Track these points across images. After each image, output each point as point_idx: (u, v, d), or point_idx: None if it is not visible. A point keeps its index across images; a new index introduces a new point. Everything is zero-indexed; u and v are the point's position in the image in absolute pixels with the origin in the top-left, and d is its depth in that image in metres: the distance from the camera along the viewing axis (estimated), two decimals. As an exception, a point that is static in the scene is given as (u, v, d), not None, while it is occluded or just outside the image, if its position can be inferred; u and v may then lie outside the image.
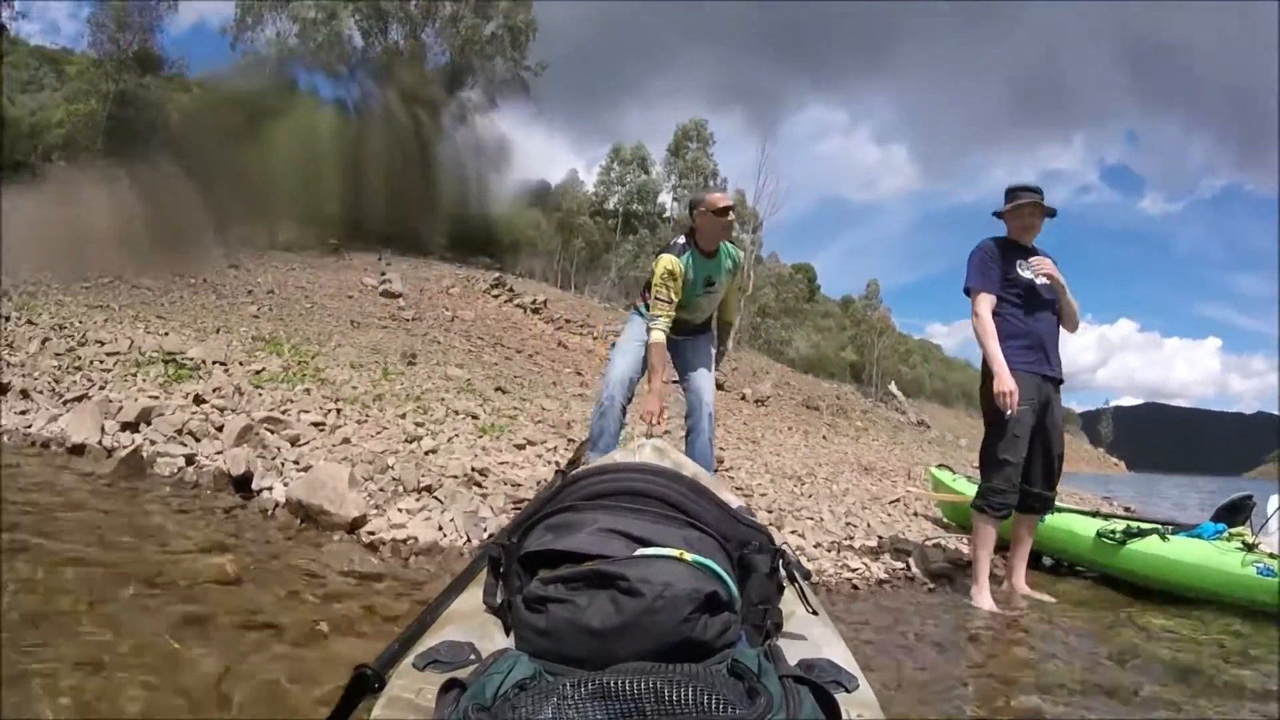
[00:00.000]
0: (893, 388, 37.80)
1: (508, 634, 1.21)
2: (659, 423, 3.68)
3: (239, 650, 1.94)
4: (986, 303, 3.64)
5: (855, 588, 3.60)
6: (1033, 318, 3.64)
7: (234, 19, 27.65)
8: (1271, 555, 3.75)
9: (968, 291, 3.72)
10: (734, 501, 1.61)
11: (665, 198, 38.41)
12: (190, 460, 4.03)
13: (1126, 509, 7.92)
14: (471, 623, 1.22)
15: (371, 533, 3.26)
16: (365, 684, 0.95)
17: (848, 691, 1.05)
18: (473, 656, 1.07)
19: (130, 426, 4.48)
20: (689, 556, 1.13)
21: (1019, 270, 3.65)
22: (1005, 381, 3.46)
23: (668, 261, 3.77)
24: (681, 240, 3.88)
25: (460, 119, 29.16)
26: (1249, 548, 3.84)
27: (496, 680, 0.85)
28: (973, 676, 2.52)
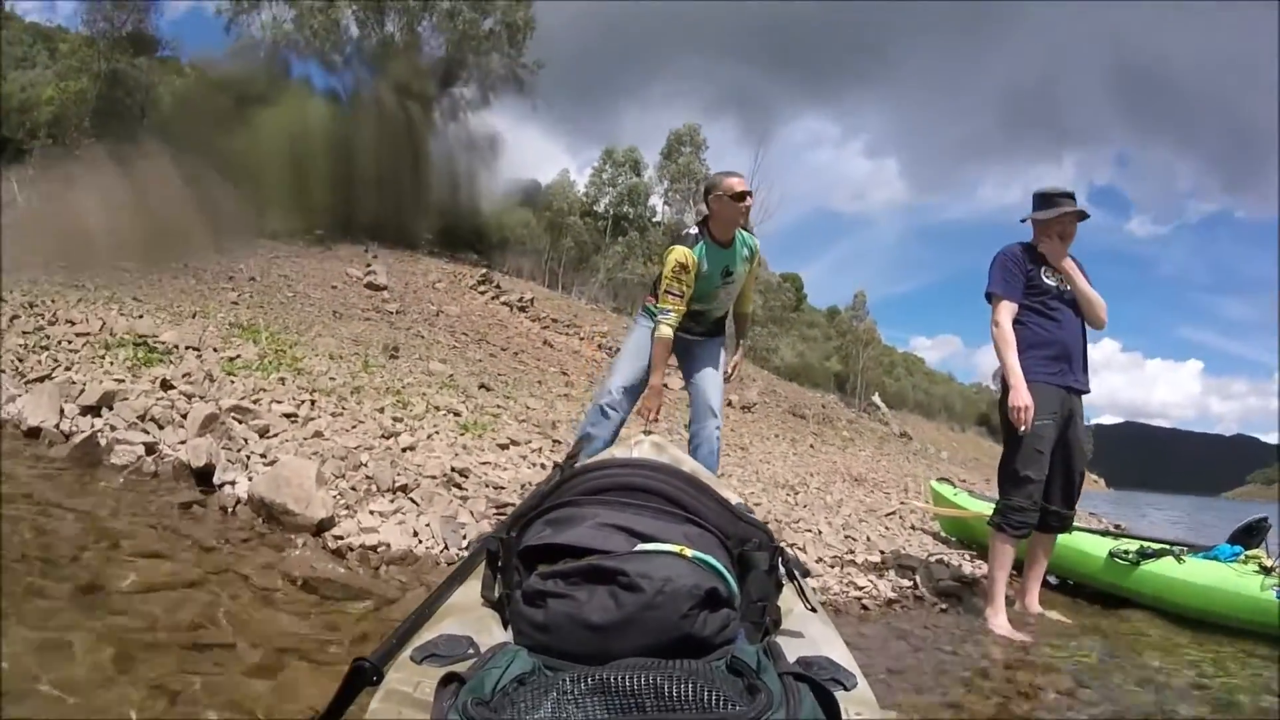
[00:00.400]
0: (876, 399, 37.86)
1: (506, 628, 1.19)
2: (656, 419, 3.52)
3: (182, 671, 1.72)
4: (1007, 311, 3.44)
5: (865, 607, 3.42)
6: (1058, 326, 3.44)
7: (230, 1, 27.28)
8: (1291, 579, 3.62)
9: (989, 298, 3.52)
10: (733, 498, 1.57)
11: (656, 201, 38.28)
12: (151, 449, 3.74)
13: (1116, 526, 7.81)
14: (470, 616, 1.19)
15: (339, 537, 2.99)
16: (363, 677, 0.90)
17: (846, 689, 1.04)
18: (471, 650, 1.04)
19: (91, 410, 4.21)
20: (689, 552, 1.13)
21: (1044, 277, 3.47)
22: (1020, 396, 3.27)
23: (679, 254, 3.51)
24: (694, 231, 3.62)
25: (452, 116, 28.91)
26: (1266, 570, 3.72)
27: (495, 674, 0.84)
28: (1003, 711, 2.35)
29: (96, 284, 9.39)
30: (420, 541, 3.07)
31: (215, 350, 6.36)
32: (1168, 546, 4.11)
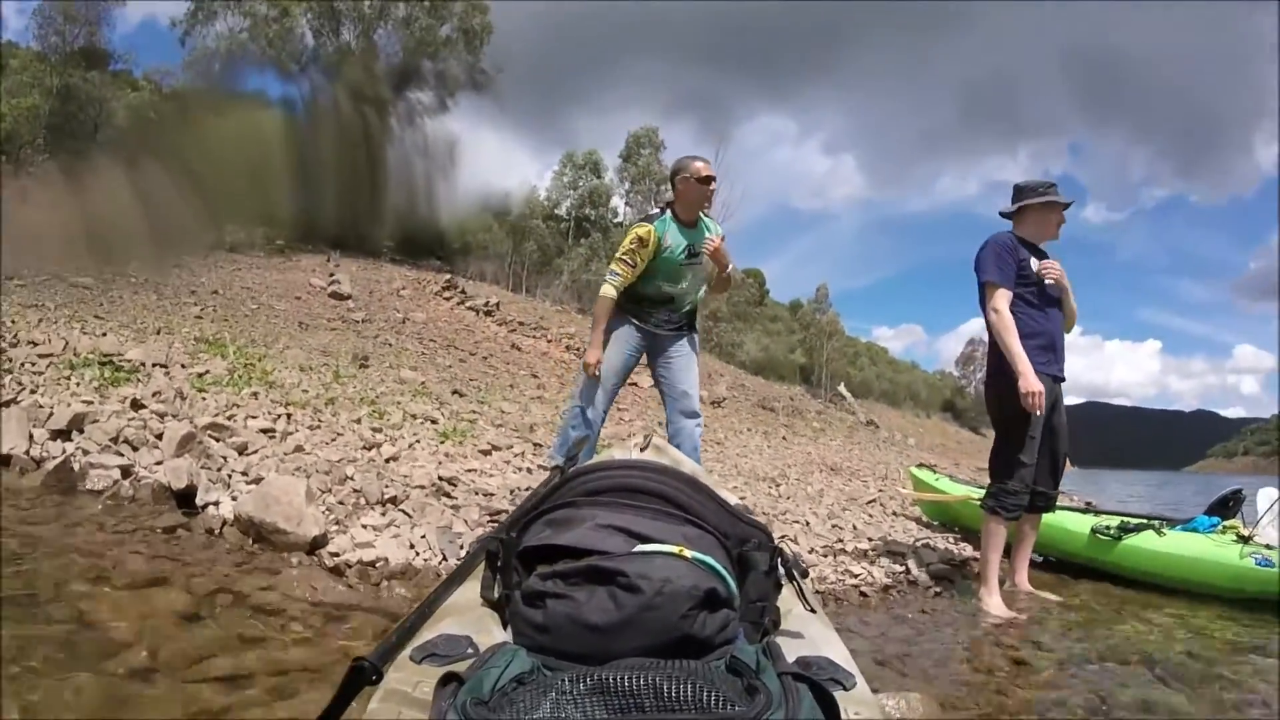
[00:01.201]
0: (842, 389, 38.15)
1: (505, 628, 1.18)
2: (596, 374, 3.63)
3: (189, 708, 1.65)
4: (1005, 298, 3.47)
5: (863, 594, 3.47)
6: (1045, 316, 3.52)
7: (185, 14, 26.77)
8: (1269, 546, 3.74)
9: (984, 286, 3.53)
10: (732, 499, 1.56)
11: (618, 202, 38.28)
12: (127, 472, 3.63)
13: (1088, 503, 7.97)
14: (469, 616, 1.18)
15: (335, 554, 2.91)
16: (362, 676, 0.89)
17: (845, 689, 1.03)
18: (470, 650, 1.04)
19: (61, 434, 4.08)
20: (688, 553, 1.14)
21: (1032, 268, 3.52)
22: (1031, 382, 3.30)
23: (640, 229, 3.61)
24: (657, 210, 3.71)
25: (409, 121, 28.60)
26: (1244, 540, 3.84)
27: (494, 674, 0.85)
28: (1012, 686, 2.40)
29: (56, 303, 9.18)
30: (418, 554, 3.01)
31: (183, 367, 6.23)
32: (1148, 521, 4.23)
